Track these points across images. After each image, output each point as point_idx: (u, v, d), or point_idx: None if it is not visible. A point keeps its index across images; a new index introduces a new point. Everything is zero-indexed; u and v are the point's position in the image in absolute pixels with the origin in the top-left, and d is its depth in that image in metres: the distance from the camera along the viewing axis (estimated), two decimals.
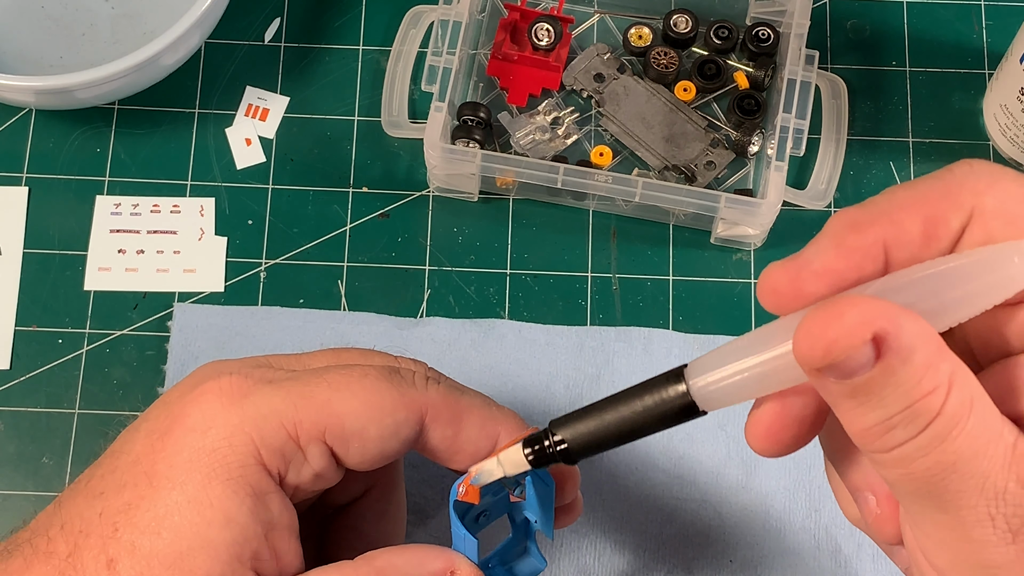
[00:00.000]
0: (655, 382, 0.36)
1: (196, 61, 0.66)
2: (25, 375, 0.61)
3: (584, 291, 0.62)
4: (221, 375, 0.42)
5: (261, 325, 0.61)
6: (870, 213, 0.33)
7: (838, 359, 0.29)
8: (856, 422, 0.31)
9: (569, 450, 0.39)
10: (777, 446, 0.35)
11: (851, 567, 0.57)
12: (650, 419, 0.37)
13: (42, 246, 0.63)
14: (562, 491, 0.46)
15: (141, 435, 0.42)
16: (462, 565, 0.42)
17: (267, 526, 0.41)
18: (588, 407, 0.39)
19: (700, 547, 0.57)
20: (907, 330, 0.30)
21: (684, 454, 0.58)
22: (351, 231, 0.64)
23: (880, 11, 0.68)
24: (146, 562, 0.39)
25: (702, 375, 0.35)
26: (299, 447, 0.42)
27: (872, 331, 0.29)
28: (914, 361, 0.30)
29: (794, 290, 0.33)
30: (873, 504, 0.36)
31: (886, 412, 0.30)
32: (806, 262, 0.33)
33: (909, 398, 0.30)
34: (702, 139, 0.63)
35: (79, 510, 0.41)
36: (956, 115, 0.66)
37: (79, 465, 0.59)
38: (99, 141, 0.65)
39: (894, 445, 0.31)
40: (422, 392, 0.43)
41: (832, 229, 0.33)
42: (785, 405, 0.35)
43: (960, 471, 0.30)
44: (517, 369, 0.60)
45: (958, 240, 0.33)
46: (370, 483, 0.48)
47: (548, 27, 0.64)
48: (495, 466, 0.41)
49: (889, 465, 0.31)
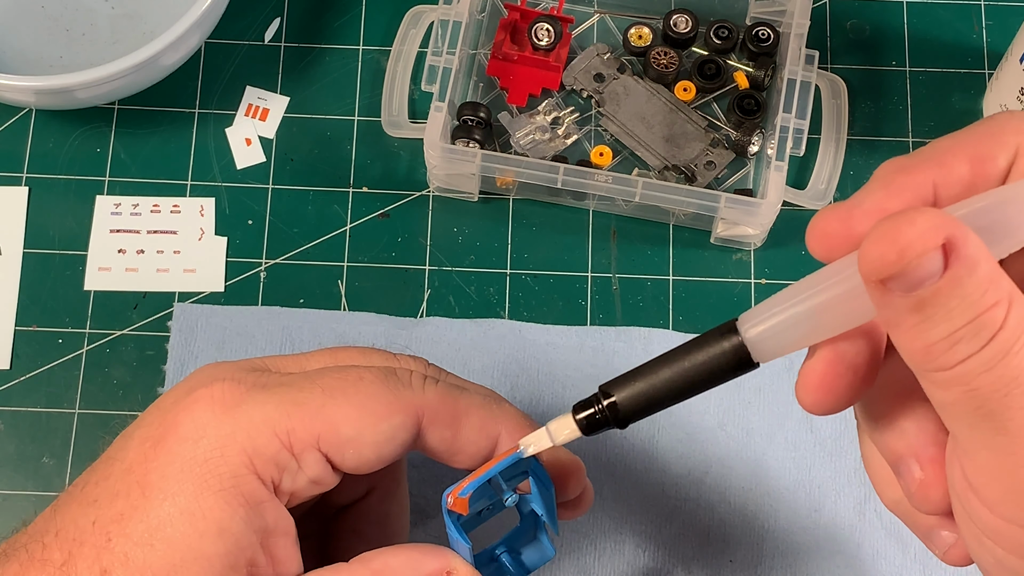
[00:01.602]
0: (708, 337, 0.36)
1: (196, 61, 0.66)
2: (25, 375, 0.61)
3: (584, 291, 0.62)
4: (214, 381, 0.42)
5: (261, 325, 0.61)
6: (918, 158, 0.33)
7: (910, 265, 0.29)
8: (920, 338, 0.31)
9: (620, 413, 0.38)
10: (830, 397, 0.34)
11: (851, 567, 0.57)
12: (703, 373, 0.36)
13: (42, 246, 0.63)
14: (565, 487, 0.45)
15: (135, 442, 0.42)
16: (458, 565, 0.42)
17: (263, 534, 0.41)
18: (638, 368, 0.38)
19: (700, 547, 0.57)
20: (972, 240, 0.30)
21: (684, 454, 0.58)
22: (351, 231, 0.64)
23: (880, 11, 0.68)
24: (139, 574, 0.39)
25: (755, 323, 0.35)
26: (293, 455, 0.41)
27: (943, 236, 0.29)
28: (979, 272, 0.30)
29: (846, 231, 0.33)
30: (917, 472, 0.35)
31: (951, 325, 0.30)
32: (857, 203, 0.33)
33: (975, 310, 0.30)
34: (702, 139, 0.63)
35: (73, 517, 0.41)
36: (956, 115, 0.66)
37: (79, 465, 0.59)
38: (99, 141, 0.65)
39: (958, 360, 0.30)
40: (419, 394, 0.43)
41: (881, 174, 0.33)
42: (838, 352, 0.34)
43: (1023, 386, 0.30)
44: (517, 369, 0.60)
45: (1005, 178, 0.33)
46: (372, 484, 0.48)
47: (548, 27, 0.64)
48: (544, 437, 0.40)
49: (950, 384, 0.31)
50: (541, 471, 0.44)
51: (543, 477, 0.44)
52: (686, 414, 0.59)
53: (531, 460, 0.43)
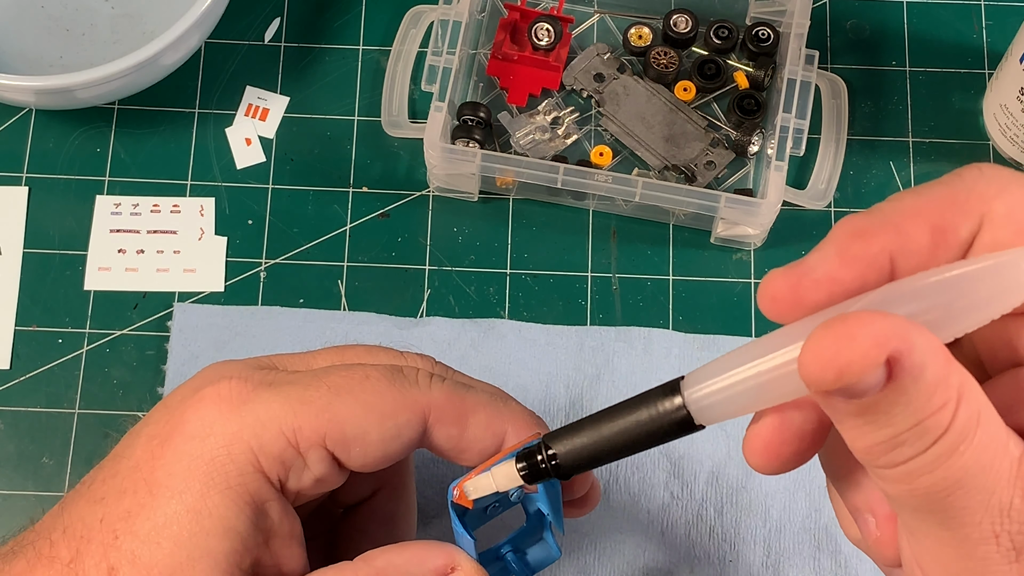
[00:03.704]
0: (651, 395, 0.35)
1: (196, 61, 0.66)
2: (25, 375, 0.61)
3: (584, 291, 0.62)
4: (221, 379, 0.42)
5: (261, 325, 0.61)
6: (876, 221, 0.32)
7: (850, 383, 0.28)
8: (862, 440, 0.30)
9: (561, 466, 0.38)
10: (776, 462, 0.34)
11: (851, 567, 0.57)
12: (646, 434, 0.35)
13: (42, 246, 0.63)
14: (571, 485, 0.45)
15: (142, 440, 0.42)
16: (463, 562, 0.42)
17: (268, 534, 0.41)
18: (584, 420, 0.38)
19: (700, 547, 0.57)
20: (918, 346, 0.28)
21: (684, 454, 0.58)
22: (351, 231, 0.64)
23: (880, 11, 0.68)
24: (146, 572, 0.39)
25: (698, 387, 0.34)
26: (299, 453, 0.41)
27: (886, 353, 0.28)
28: (925, 378, 0.28)
29: (795, 299, 0.31)
30: (873, 526, 0.35)
31: (894, 430, 0.29)
32: (809, 269, 0.31)
33: (919, 415, 0.29)
34: (702, 139, 0.63)
35: (81, 515, 0.41)
36: (956, 115, 0.66)
37: (79, 465, 0.59)
38: (99, 141, 0.65)
39: (900, 461, 0.30)
40: (425, 392, 0.43)
41: (836, 237, 0.32)
42: (785, 419, 0.33)
43: (966, 486, 0.29)
44: (517, 369, 0.60)
45: (968, 248, 0.32)
46: (379, 484, 0.48)
47: (548, 27, 0.64)
48: (488, 481, 0.41)
49: (893, 481, 0.30)
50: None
51: None
52: None
53: None
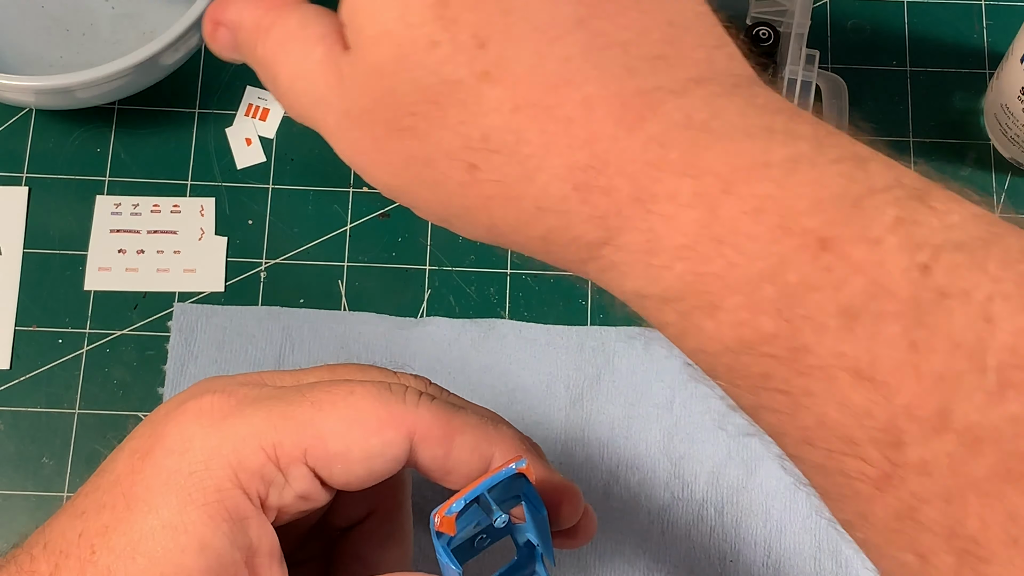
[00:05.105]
0: None
1: (196, 61, 0.66)
2: (25, 375, 0.61)
3: (584, 291, 0.62)
4: (204, 394, 0.41)
5: (261, 325, 0.61)
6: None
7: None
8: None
9: None
10: None
11: (852, 567, 0.57)
12: None
13: (42, 246, 0.63)
14: (558, 513, 0.44)
15: (124, 454, 0.42)
16: None
17: (246, 551, 0.40)
18: None
19: (700, 547, 0.57)
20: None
21: (684, 454, 0.58)
22: (351, 231, 0.64)
23: (880, 11, 0.68)
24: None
25: None
26: (279, 469, 0.40)
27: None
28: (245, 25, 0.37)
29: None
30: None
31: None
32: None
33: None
34: None
35: (62, 529, 0.41)
36: (956, 115, 0.66)
37: (79, 465, 0.59)
38: (99, 141, 0.65)
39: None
40: (411, 409, 0.42)
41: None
42: None
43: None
44: (517, 369, 0.60)
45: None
46: (372, 506, 0.47)
47: None
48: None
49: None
50: (534, 495, 0.42)
51: (535, 501, 0.42)
52: (686, 414, 0.59)
53: (523, 483, 0.41)
